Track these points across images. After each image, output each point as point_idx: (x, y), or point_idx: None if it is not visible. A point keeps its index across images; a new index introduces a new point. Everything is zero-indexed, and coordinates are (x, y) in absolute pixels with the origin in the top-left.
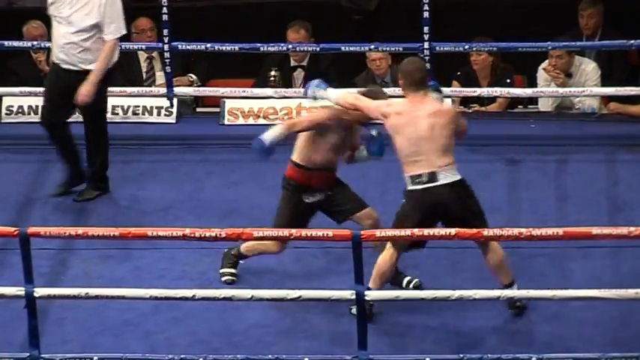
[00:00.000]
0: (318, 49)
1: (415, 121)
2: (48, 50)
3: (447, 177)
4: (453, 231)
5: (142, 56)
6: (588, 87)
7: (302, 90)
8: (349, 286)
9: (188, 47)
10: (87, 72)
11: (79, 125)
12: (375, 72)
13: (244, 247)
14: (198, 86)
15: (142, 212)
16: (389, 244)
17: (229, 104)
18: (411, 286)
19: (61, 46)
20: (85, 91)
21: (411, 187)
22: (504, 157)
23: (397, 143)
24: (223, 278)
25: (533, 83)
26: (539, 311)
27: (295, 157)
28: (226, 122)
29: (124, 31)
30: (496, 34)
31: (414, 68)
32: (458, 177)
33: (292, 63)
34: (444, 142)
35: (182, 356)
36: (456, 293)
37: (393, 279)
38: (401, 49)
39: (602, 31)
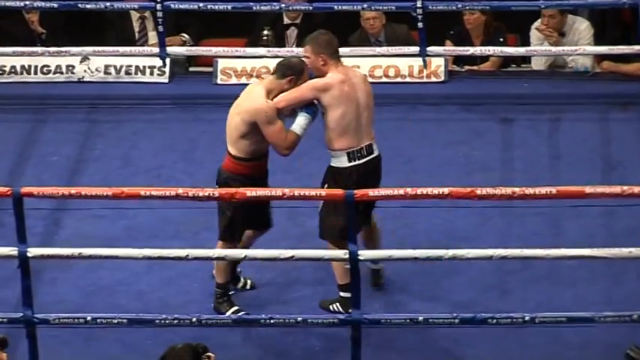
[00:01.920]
0: (311, 7)
1: (356, 88)
2: (40, 10)
3: (376, 148)
4: (446, 190)
5: (135, 16)
6: (581, 46)
7: (295, 49)
8: None
9: (181, 6)
10: None
11: None
12: (369, 31)
13: (216, 273)
14: (191, 46)
15: (134, 172)
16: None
17: (222, 63)
18: (248, 287)
19: None
20: None
21: (348, 164)
22: (497, 115)
23: (338, 114)
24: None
25: (526, 42)
26: (532, 270)
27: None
28: (219, 82)
29: None
30: None
31: (330, 37)
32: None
33: (285, 21)
34: (373, 110)
35: (175, 316)
36: (449, 252)
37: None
38: (394, 7)
39: None
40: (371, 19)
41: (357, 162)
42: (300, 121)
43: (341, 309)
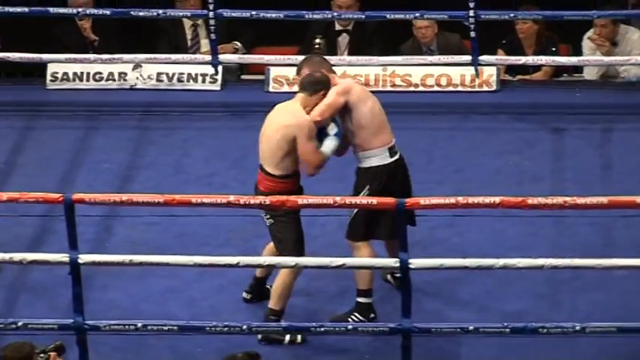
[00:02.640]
0: (363, 16)
1: (368, 92)
2: (93, 17)
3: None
4: (497, 199)
5: (187, 23)
6: (634, 55)
7: (347, 57)
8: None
9: (233, 14)
10: None
11: None
12: (421, 40)
13: (272, 303)
14: (243, 53)
15: (186, 179)
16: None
17: (274, 72)
18: None
19: None
20: None
21: (390, 159)
22: (549, 125)
23: (367, 109)
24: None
25: (578, 52)
26: (583, 280)
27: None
28: (271, 90)
29: None
30: (541, 3)
31: (322, 57)
32: None
33: (337, 27)
34: None
35: (226, 323)
36: (500, 262)
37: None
38: (446, 17)
39: None
40: (423, 28)
41: (389, 160)
42: (329, 144)
43: (361, 317)
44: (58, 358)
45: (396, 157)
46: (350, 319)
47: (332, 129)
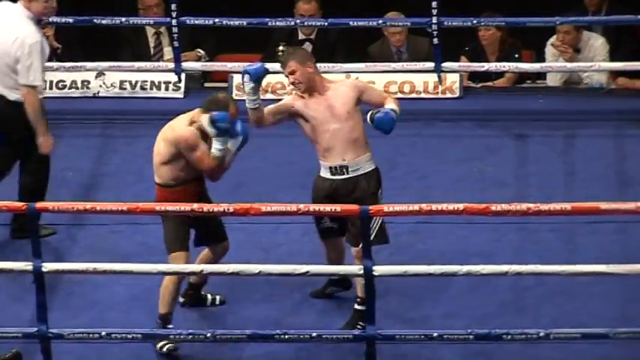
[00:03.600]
0: (326, 24)
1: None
2: (55, 25)
3: None
4: (461, 206)
5: (150, 31)
6: (597, 62)
7: None
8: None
9: (196, 22)
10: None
11: None
12: (394, 43)
13: (160, 307)
14: (206, 61)
15: (149, 187)
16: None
17: (237, 79)
18: (217, 302)
19: None
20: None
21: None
22: (512, 132)
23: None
24: (165, 349)
25: (541, 58)
26: (547, 287)
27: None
28: (234, 97)
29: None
30: (504, 9)
31: (305, 51)
32: None
33: (300, 36)
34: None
35: (190, 331)
36: (464, 268)
37: (197, 300)
38: (409, 24)
39: (607, 6)
40: (397, 34)
41: (339, 177)
42: (216, 145)
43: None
44: None
45: (339, 177)
46: (357, 328)
47: (210, 132)
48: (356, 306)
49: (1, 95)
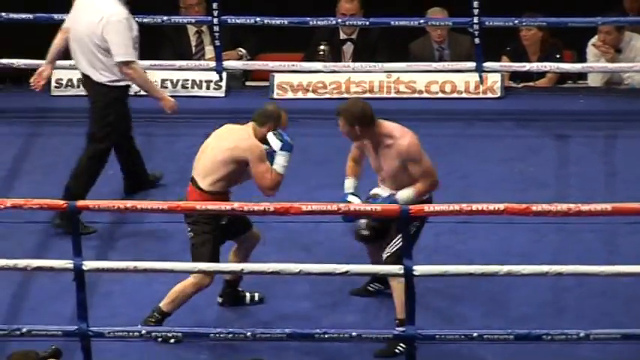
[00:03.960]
0: (367, 23)
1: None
2: None
3: None
4: (501, 206)
5: (191, 30)
6: (638, 62)
7: (351, 64)
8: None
9: (237, 21)
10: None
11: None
12: (436, 39)
13: (165, 304)
14: (248, 60)
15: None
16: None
17: (278, 78)
18: (256, 299)
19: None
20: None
21: None
22: (553, 132)
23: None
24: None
25: (582, 58)
26: (587, 287)
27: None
28: (275, 96)
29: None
30: (546, 9)
31: (364, 105)
32: None
33: (342, 36)
34: None
35: (230, 330)
36: (504, 268)
37: (236, 299)
38: (451, 23)
39: None
40: (439, 29)
41: None
42: (279, 161)
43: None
44: None
45: None
46: (397, 350)
47: (276, 145)
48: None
49: (86, 75)
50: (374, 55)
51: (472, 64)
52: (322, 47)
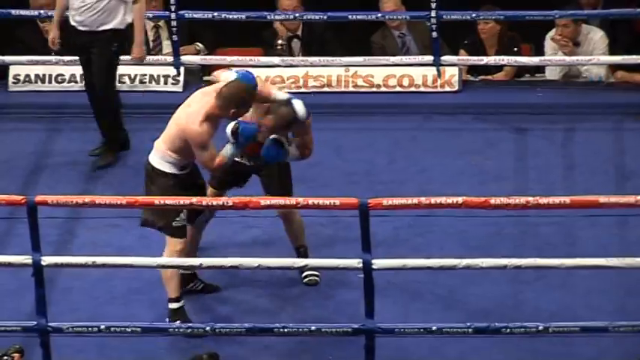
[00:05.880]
0: (325, 17)
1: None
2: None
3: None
4: (460, 199)
5: (149, 25)
6: (596, 55)
7: (309, 58)
8: (356, 255)
9: (195, 16)
10: (102, 32)
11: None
12: (395, 29)
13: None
14: (205, 55)
15: None
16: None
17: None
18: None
19: (76, 8)
20: (137, 53)
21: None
22: (511, 125)
23: None
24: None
25: (540, 52)
26: (546, 280)
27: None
28: None
29: None
30: (503, 3)
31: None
32: None
33: (286, 34)
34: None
35: (189, 325)
36: (463, 262)
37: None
38: (408, 17)
39: (603, 3)
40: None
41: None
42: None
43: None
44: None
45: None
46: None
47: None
48: (170, 305)
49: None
50: (322, 49)
51: (430, 58)
52: (280, 42)
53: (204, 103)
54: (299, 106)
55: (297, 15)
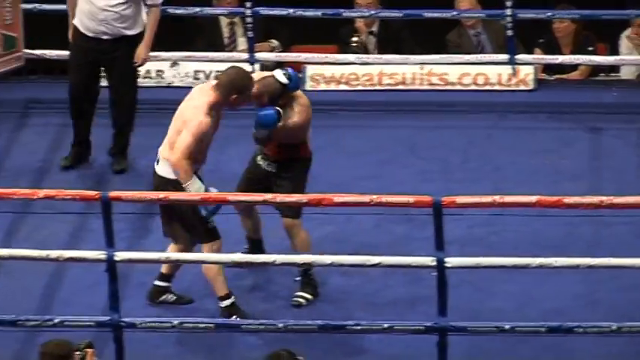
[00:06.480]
0: (400, 15)
1: None
2: None
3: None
4: (534, 198)
5: (224, 21)
6: None
7: (384, 56)
8: (430, 253)
9: (270, 12)
10: (125, 38)
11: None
12: (469, 27)
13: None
14: (280, 52)
15: (221, 177)
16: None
17: (311, 70)
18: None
19: (100, 19)
20: (143, 54)
21: None
22: (586, 124)
23: None
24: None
25: (615, 51)
26: (620, 280)
27: None
28: (308, 88)
29: None
30: (579, 2)
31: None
32: None
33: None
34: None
35: (262, 321)
36: (537, 261)
37: None
38: (484, 15)
39: None
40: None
41: None
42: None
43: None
44: (93, 356)
45: None
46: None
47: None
48: (156, 281)
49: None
50: (398, 47)
51: (505, 57)
52: (355, 39)
53: (207, 96)
54: (280, 75)
55: (372, 12)
